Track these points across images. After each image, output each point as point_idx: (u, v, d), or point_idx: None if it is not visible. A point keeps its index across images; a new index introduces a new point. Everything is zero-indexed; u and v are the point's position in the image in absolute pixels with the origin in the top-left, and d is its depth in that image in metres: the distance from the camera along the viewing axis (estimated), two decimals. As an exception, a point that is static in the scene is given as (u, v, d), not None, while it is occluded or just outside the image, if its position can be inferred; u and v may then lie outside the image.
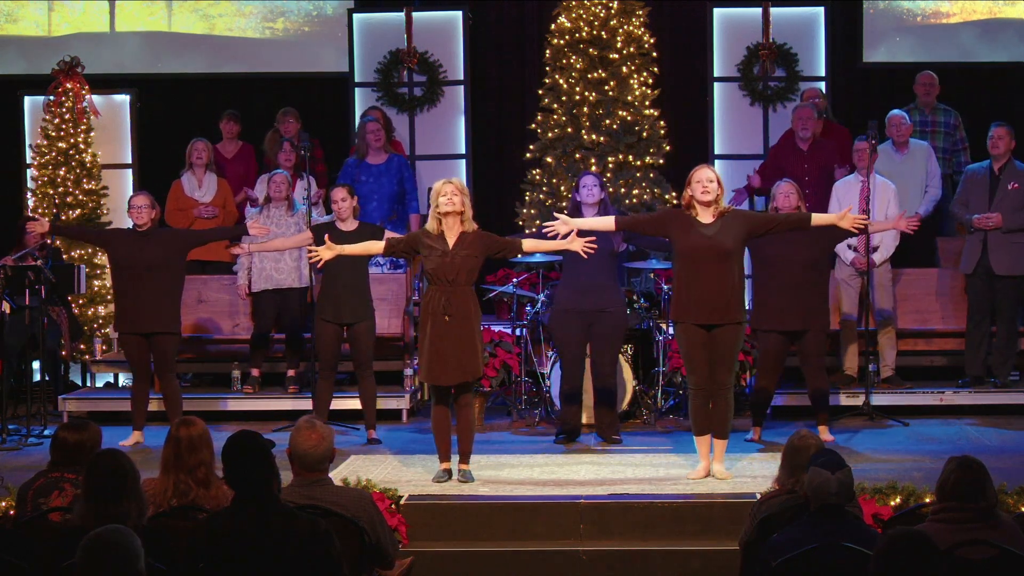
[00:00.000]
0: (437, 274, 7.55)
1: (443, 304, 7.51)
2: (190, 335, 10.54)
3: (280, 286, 10.00)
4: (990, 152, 9.84)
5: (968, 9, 12.48)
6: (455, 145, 12.26)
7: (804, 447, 5.33)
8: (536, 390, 9.71)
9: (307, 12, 12.94)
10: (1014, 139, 9.81)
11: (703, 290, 7.53)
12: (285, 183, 10.04)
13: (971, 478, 4.80)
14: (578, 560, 6.84)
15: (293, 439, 5.29)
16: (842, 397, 9.56)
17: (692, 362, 7.68)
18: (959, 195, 10.04)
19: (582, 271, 8.59)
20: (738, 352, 7.74)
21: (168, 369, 9.03)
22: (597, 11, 11.10)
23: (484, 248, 7.62)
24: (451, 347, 7.52)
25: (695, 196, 7.60)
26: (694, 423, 7.73)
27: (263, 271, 10.02)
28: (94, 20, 12.87)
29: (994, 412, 9.65)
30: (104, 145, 11.76)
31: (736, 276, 7.59)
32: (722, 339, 7.58)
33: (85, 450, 5.48)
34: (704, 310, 7.55)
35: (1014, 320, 9.86)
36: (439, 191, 7.58)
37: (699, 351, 7.62)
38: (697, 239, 7.55)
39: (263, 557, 4.53)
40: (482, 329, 9.57)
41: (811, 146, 10.55)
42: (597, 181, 8.80)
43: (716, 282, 7.52)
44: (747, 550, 5.37)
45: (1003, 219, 9.70)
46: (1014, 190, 9.74)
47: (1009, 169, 9.79)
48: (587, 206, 8.71)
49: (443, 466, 7.67)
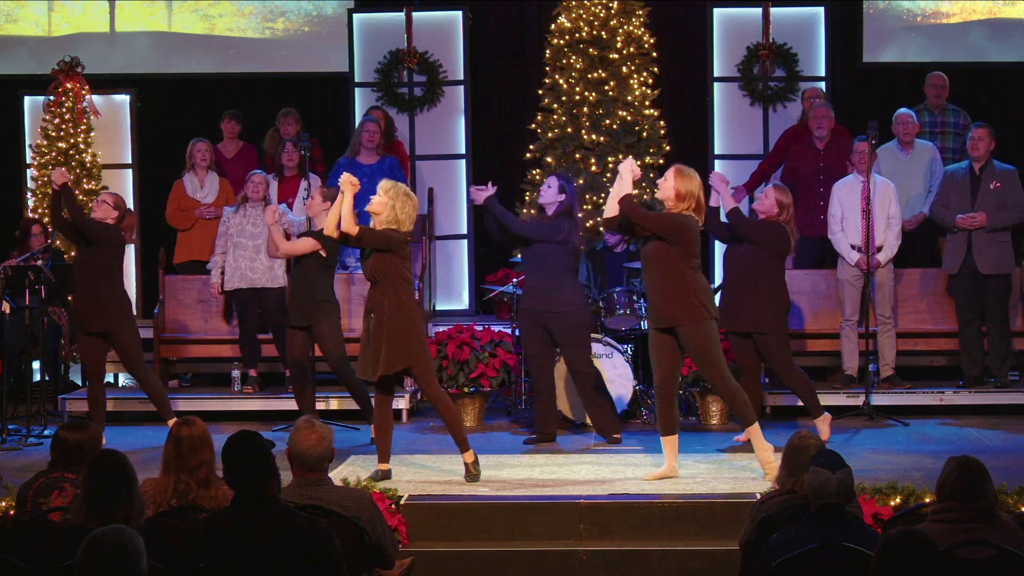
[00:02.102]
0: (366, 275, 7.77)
1: (368, 302, 7.69)
2: (189, 335, 10.56)
3: (254, 285, 10.04)
4: (970, 153, 9.87)
5: (968, 9, 12.48)
6: (455, 145, 12.26)
7: (804, 447, 5.33)
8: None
9: (307, 12, 12.94)
10: (994, 140, 9.83)
11: (649, 296, 7.74)
12: (263, 183, 10.09)
13: (971, 478, 4.80)
14: (578, 560, 6.83)
15: (293, 439, 5.29)
16: (842, 397, 9.56)
17: (653, 362, 7.77)
18: (939, 197, 10.01)
19: (535, 272, 8.72)
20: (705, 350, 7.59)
21: (136, 365, 9.02)
22: (597, 11, 11.10)
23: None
24: (374, 343, 7.61)
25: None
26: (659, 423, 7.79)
27: (237, 269, 10.06)
28: (94, 20, 12.87)
29: (994, 412, 9.66)
30: (104, 145, 11.77)
31: (670, 279, 7.55)
32: (683, 341, 7.62)
33: (85, 450, 5.48)
34: (652, 315, 7.72)
35: (1005, 319, 9.87)
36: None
37: (659, 353, 7.66)
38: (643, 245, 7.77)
39: (263, 557, 4.53)
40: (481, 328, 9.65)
41: (827, 145, 10.54)
42: (559, 182, 8.79)
43: (653, 287, 7.65)
44: (747, 550, 5.37)
45: (987, 218, 9.71)
46: (996, 189, 9.76)
47: (989, 169, 9.81)
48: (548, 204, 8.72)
49: (381, 466, 7.73)
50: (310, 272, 8.89)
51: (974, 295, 9.84)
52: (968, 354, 9.88)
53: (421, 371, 7.69)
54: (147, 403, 9.23)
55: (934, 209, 10.08)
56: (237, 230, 10.06)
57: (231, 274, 10.10)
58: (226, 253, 10.12)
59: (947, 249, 9.97)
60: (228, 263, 10.11)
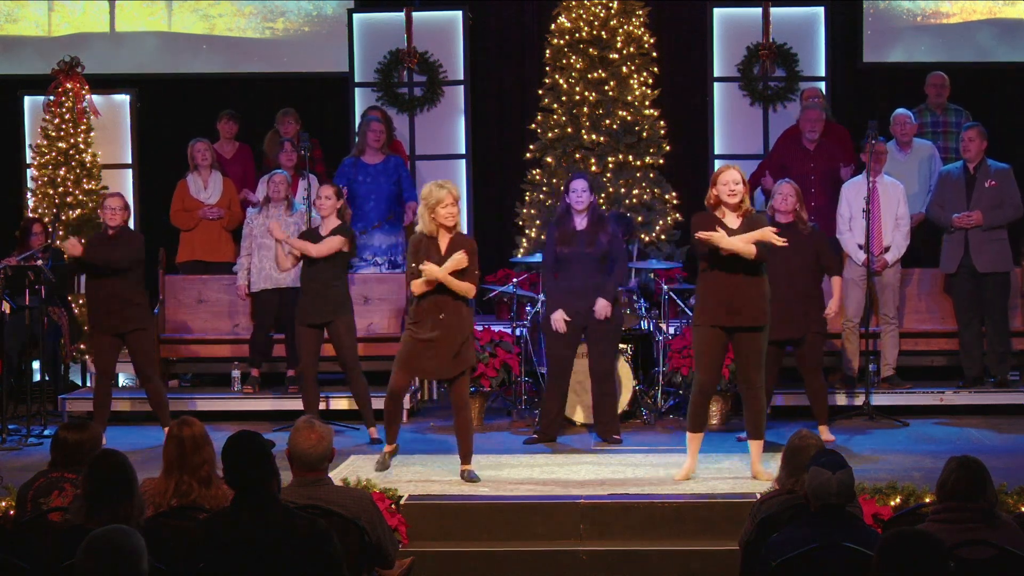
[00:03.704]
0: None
1: (437, 303, 7.63)
2: (190, 336, 10.55)
3: (279, 285, 10.00)
4: (963, 154, 9.88)
5: (969, 9, 12.48)
6: (455, 145, 12.26)
7: (804, 447, 5.33)
8: (536, 390, 9.71)
9: (307, 12, 12.95)
10: (985, 139, 9.83)
11: (729, 293, 7.53)
12: (284, 183, 10.04)
13: (971, 478, 4.80)
14: (578, 560, 6.83)
15: (292, 439, 5.29)
16: (842, 397, 9.56)
17: (702, 362, 7.65)
18: (935, 197, 10.03)
19: (575, 274, 8.63)
20: (764, 353, 7.66)
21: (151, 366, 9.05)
22: (597, 11, 11.10)
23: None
24: (445, 343, 7.61)
25: (721, 198, 7.60)
26: (690, 419, 7.73)
27: (262, 271, 10.02)
28: (94, 20, 12.87)
29: (994, 412, 9.66)
30: (104, 145, 11.76)
31: (761, 279, 7.57)
32: (746, 342, 7.58)
33: (85, 450, 5.47)
34: (727, 313, 7.54)
35: (1004, 317, 9.87)
36: (440, 200, 7.62)
37: (712, 353, 7.61)
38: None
39: (263, 557, 4.53)
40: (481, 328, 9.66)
41: (817, 146, 10.55)
42: (587, 185, 8.77)
43: (742, 285, 7.52)
44: (747, 550, 5.37)
45: (982, 216, 9.72)
46: (991, 187, 9.78)
47: (984, 168, 9.82)
48: (577, 212, 8.70)
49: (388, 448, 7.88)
50: (328, 271, 8.88)
51: (973, 294, 9.84)
52: (968, 354, 9.88)
53: (469, 373, 7.87)
54: (147, 403, 9.22)
55: (930, 209, 10.09)
56: (261, 231, 10.00)
57: (257, 275, 10.06)
58: (251, 255, 10.08)
59: (944, 249, 9.98)
60: (253, 264, 10.08)
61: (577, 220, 8.71)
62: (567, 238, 8.71)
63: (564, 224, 8.76)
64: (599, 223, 8.72)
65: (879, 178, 9.60)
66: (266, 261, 10.00)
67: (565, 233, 8.72)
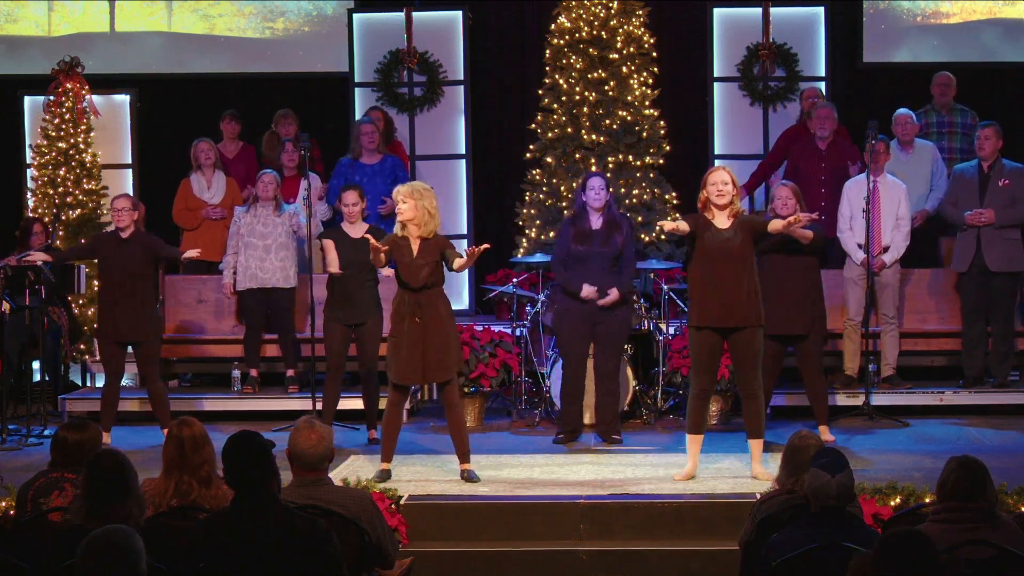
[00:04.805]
0: (405, 279, 7.61)
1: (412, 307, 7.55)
2: (190, 335, 10.55)
3: (264, 285, 10.01)
4: (977, 153, 9.88)
5: (969, 9, 12.48)
6: (455, 145, 12.25)
7: (804, 447, 5.33)
8: (536, 390, 9.71)
9: (307, 12, 12.94)
10: (1001, 138, 9.84)
11: (720, 293, 7.54)
12: (273, 183, 10.07)
13: (971, 478, 4.80)
14: (578, 560, 6.84)
15: (292, 439, 5.29)
16: (842, 397, 9.56)
17: (699, 366, 7.68)
18: (948, 195, 10.05)
19: (587, 272, 8.61)
20: (760, 353, 7.69)
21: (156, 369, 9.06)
22: (597, 11, 11.10)
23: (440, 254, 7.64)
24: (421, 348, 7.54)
25: (710, 198, 7.60)
26: (689, 420, 7.74)
27: (248, 270, 10.04)
28: (94, 20, 12.87)
29: (994, 412, 9.66)
30: (104, 145, 11.76)
31: (752, 279, 7.59)
32: (742, 342, 7.60)
33: (85, 450, 5.47)
34: (721, 313, 7.55)
35: (1010, 318, 9.87)
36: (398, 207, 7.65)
37: (709, 356, 7.64)
38: (713, 241, 7.57)
39: (263, 557, 4.53)
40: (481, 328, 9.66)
41: (829, 145, 10.54)
42: (605, 183, 8.77)
43: (732, 285, 7.53)
44: (747, 550, 5.37)
45: (995, 215, 9.72)
46: (1005, 186, 9.78)
47: (998, 167, 9.83)
48: (593, 210, 8.70)
49: (383, 466, 7.71)
50: (364, 272, 8.81)
51: (981, 293, 9.82)
52: (970, 353, 9.86)
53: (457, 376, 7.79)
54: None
55: (943, 207, 10.10)
56: (248, 230, 10.02)
57: (242, 274, 10.07)
58: (238, 253, 10.09)
59: (956, 247, 9.97)
60: (240, 263, 10.09)
61: (593, 219, 8.71)
62: (582, 236, 8.70)
63: (580, 222, 8.75)
64: (615, 223, 8.72)
65: (881, 177, 9.60)
66: (252, 260, 10.01)
67: (580, 231, 8.71)
